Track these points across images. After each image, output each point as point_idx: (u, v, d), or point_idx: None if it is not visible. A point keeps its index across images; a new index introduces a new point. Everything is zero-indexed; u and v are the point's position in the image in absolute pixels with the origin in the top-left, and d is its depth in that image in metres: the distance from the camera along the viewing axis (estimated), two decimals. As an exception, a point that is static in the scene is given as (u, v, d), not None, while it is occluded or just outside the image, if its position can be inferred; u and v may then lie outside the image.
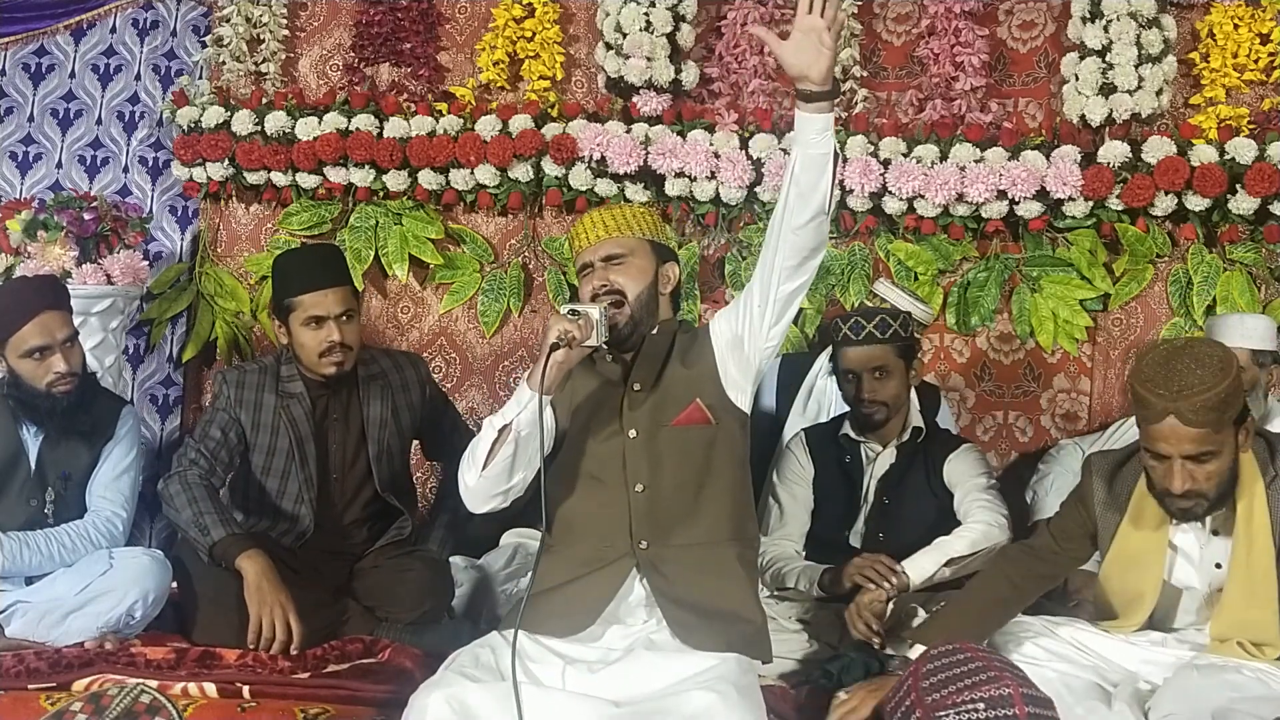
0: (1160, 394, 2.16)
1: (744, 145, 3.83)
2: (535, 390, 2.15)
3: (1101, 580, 2.48)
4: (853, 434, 3.06)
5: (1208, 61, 3.80)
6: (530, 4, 4.06)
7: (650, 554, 2.27)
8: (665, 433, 2.31)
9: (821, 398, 3.53)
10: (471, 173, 3.95)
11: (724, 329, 2.37)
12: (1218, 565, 2.35)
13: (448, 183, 4.00)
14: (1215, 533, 2.35)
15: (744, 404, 2.38)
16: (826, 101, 2.08)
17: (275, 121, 4.01)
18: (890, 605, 2.64)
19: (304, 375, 3.03)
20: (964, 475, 2.95)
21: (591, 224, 2.41)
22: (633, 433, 2.32)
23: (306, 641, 2.71)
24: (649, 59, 3.85)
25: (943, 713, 1.96)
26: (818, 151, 2.09)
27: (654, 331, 2.40)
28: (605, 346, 2.30)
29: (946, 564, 2.71)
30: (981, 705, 1.94)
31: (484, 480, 2.24)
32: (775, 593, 2.89)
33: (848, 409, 3.11)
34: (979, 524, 2.79)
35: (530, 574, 2.32)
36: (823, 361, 3.54)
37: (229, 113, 4.04)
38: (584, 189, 3.94)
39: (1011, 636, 2.42)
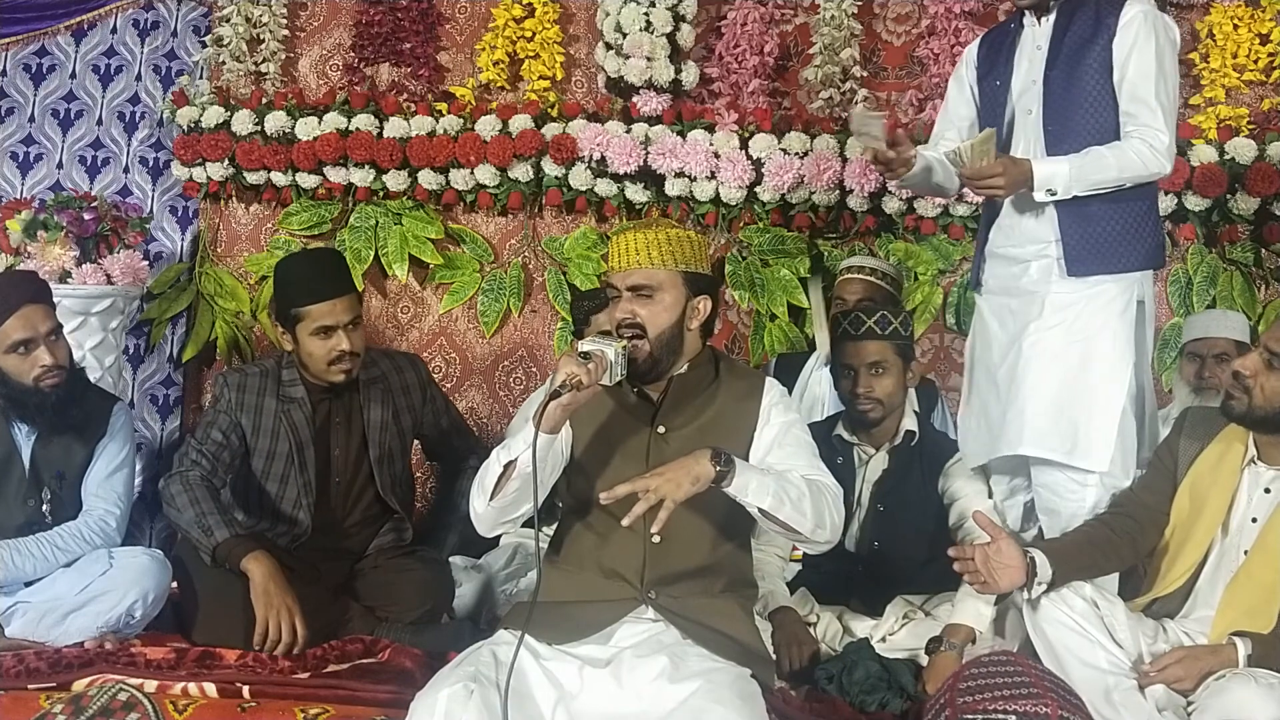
0: None
1: (744, 145, 3.83)
2: (536, 429, 2.10)
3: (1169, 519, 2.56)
4: (846, 435, 3.04)
5: (1208, 61, 3.80)
6: (530, 4, 4.06)
7: (659, 601, 2.25)
8: None
9: (816, 396, 3.53)
10: (471, 173, 3.95)
11: (768, 439, 2.31)
12: (1254, 520, 2.42)
13: (448, 183, 4.00)
14: (1267, 490, 2.43)
15: None
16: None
17: (275, 121, 4.01)
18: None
19: (305, 379, 3.02)
20: (961, 493, 2.91)
21: (627, 246, 2.27)
22: None
23: (307, 642, 2.71)
24: (649, 59, 3.85)
25: (970, 716, 1.93)
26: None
27: (683, 370, 2.33)
28: (625, 383, 2.25)
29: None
30: (1013, 718, 1.90)
31: (492, 509, 2.22)
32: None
33: (843, 408, 3.10)
34: None
35: (535, 576, 2.29)
36: (815, 360, 3.54)
37: (229, 113, 4.04)
38: (584, 189, 3.94)
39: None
